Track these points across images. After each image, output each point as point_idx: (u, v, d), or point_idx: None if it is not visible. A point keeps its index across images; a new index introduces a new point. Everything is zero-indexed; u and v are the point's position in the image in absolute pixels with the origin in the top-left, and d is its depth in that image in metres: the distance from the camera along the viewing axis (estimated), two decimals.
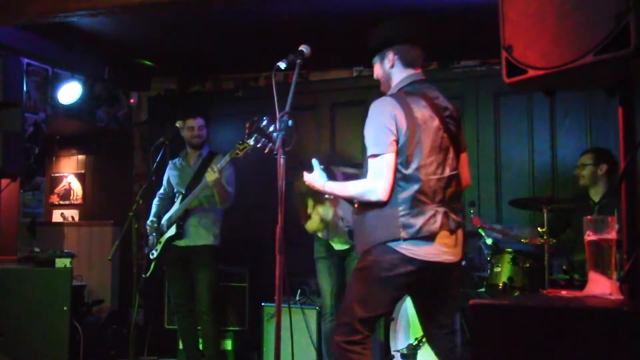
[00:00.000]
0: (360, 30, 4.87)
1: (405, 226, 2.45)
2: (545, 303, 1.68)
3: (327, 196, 2.80)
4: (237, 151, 3.99)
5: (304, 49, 2.63)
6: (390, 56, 2.66)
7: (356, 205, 2.68)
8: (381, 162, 2.47)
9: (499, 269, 3.85)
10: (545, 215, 3.75)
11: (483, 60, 5.08)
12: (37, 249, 4.90)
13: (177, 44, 5.26)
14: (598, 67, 1.58)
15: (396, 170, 2.48)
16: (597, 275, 1.73)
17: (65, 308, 4.10)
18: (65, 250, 5.07)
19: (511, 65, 1.77)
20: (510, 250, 3.89)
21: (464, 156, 2.74)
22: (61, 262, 4.68)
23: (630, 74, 1.67)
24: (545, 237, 3.71)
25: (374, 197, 2.48)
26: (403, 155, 2.47)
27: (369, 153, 2.51)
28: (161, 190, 4.64)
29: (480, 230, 4.09)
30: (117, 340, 4.85)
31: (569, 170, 4.29)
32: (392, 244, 2.47)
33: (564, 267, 3.77)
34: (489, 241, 4.03)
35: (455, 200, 2.61)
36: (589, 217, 1.79)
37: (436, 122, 2.54)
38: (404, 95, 2.56)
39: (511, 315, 1.62)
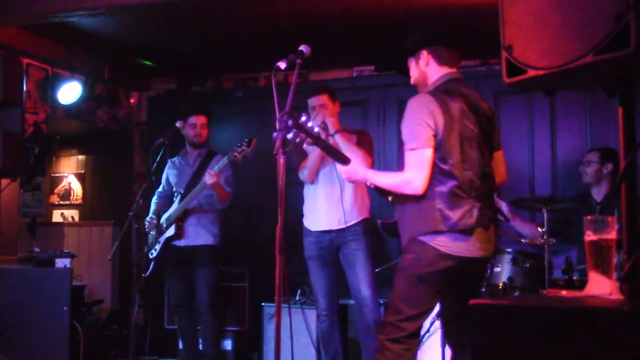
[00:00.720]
0: (360, 31, 4.89)
1: (444, 218, 2.50)
2: (545, 303, 1.68)
3: (368, 185, 2.81)
4: (235, 154, 3.99)
5: (303, 49, 2.63)
6: (424, 55, 2.72)
7: (390, 199, 2.72)
8: (420, 156, 2.52)
9: (499, 269, 3.85)
10: (545, 215, 3.75)
11: (483, 60, 5.08)
12: (37, 249, 4.90)
13: (177, 44, 5.26)
14: (598, 67, 1.58)
15: (434, 165, 2.53)
16: (597, 275, 1.73)
17: (65, 308, 4.10)
18: (65, 250, 5.07)
19: (511, 65, 1.77)
20: (510, 250, 3.88)
21: (499, 154, 2.80)
22: (61, 262, 4.67)
23: (630, 74, 1.67)
24: (545, 237, 3.71)
25: (410, 189, 2.53)
26: (441, 151, 2.52)
27: (408, 147, 2.56)
28: (160, 189, 4.64)
29: None
30: (117, 340, 4.85)
31: (569, 170, 4.29)
32: (429, 239, 2.52)
33: (564, 267, 3.76)
34: None
35: (490, 197, 2.66)
36: (589, 217, 1.79)
37: (472, 120, 2.59)
38: (440, 93, 2.61)
39: (511, 315, 1.62)
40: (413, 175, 2.52)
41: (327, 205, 3.92)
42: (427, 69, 2.72)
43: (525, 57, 1.73)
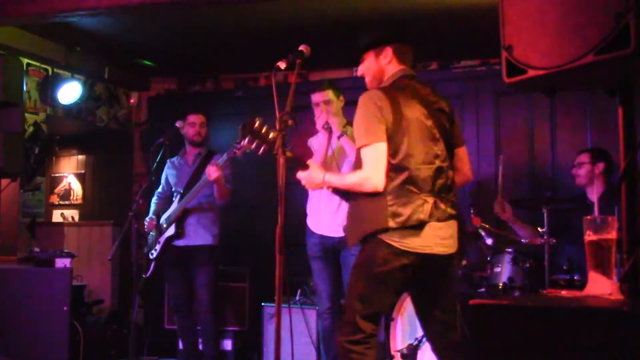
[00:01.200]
0: (360, 31, 4.87)
1: (394, 215, 2.47)
2: (545, 303, 1.68)
3: (326, 188, 2.80)
4: (235, 150, 3.99)
5: (303, 49, 2.63)
6: (388, 52, 2.72)
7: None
8: (374, 150, 2.50)
9: (499, 269, 3.85)
10: (545, 215, 3.75)
11: (483, 60, 5.08)
12: (37, 249, 4.90)
13: (177, 44, 5.26)
14: (598, 67, 1.58)
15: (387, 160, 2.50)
16: (597, 275, 1.73)
17: (65, 308, 4.10)
18: (65, 250, 5.07)
19: (511, 65, 1.77)
20: (510, 250, 3.88)
21: (461, 151, 2.76)
22: (61, 262, 4.67)
23: (630, 74, 1.67)
24: (545, 237, 3.71)
25: (370, 186, 2.50)
26: (392, 146, 2.50)
27: (360, 143, 2.54)
28: (159, 189, 4.63)
29: (480, 230, 4.08)
30: (117, 340, 4.85)
31: (569, 170, 4.29)
32: (383, 236, 2.48)
33: (564, 267, 3.77)
34: (489, 241, 4.03)
35: (447, 192, 2.60)
36: (588, 217, 1.79)
37: (424, 114, 2.57)
38: (391, 89, 2.61)
39: (511, 315, 1.62)
40: (370, 171, 2.50)
41: (327, 212, 3.92)
42: (387, 66, 2.73)
43: (525, 57, 1.73)
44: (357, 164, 2.60)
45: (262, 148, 2.74)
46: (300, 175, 2.75)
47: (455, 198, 2.65)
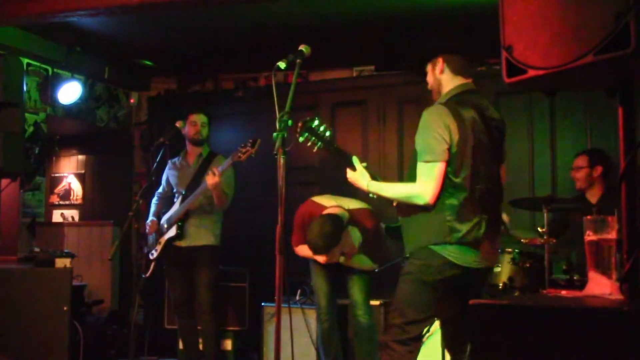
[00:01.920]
0: (360, 31, 4.89)
1: (452, 230, 2.54)
2: (545, 303, 1.68)
3: (371, 195, 2.86)
4: (239, 154, 3.98)
5: (303, 49, 2.63)
6: (439, 62, 2.75)
7: (394, 204, 2.77)
8: (433, 169, 2.55)
9: (499, 269, 3.85)
10: (545, 215, 3.75)
11: (483, 60, 5.08)
12: (37, 249, 4.90)
13: (177, 44, 5.26)
14: (598, 67, 1.58)
15: (446, 177, 2.56)
16: (597, 275, 1.73)
17: (65, 308, 4.10)
18: (65, 250, 5.07)
19: (511, 65, 1.77)
20: (510, 250, 3.88)
21: (502, 167, 2.83)
22: (61, 262, 4.67)
23: (630, 74, 1.67)
24: (545, 237, 3.71)
25: (421, 201, 2.57)
26: (453, 164, 2.55)
27: (422, 159, 2.58)
28: (160, 190, 4.63)
29: None
30: (117, 340, 4.85)
31: (568, 170, 4.29)
32: (439, 248, 2.56)
33: (564, 267, 3.76)
34: None
35: (497, 210, 2.70)
36: (588, 217, 1.79)
37: (485, 133, 2.63)
38: (456, 105, 2.62)
39: (511, 315, 1.62)
40: (425, 188, 2.55)
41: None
42: (441, 76, 2.75)
43: (525, 57, 1.73)
44: (412, 175, 2.65)
45: (316, 146, 2.85)
46: (350, 174, 2.83)
47: (500, 215, 2.75)
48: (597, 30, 1.54)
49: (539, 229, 3.84)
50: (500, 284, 3.80)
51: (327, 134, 2.87)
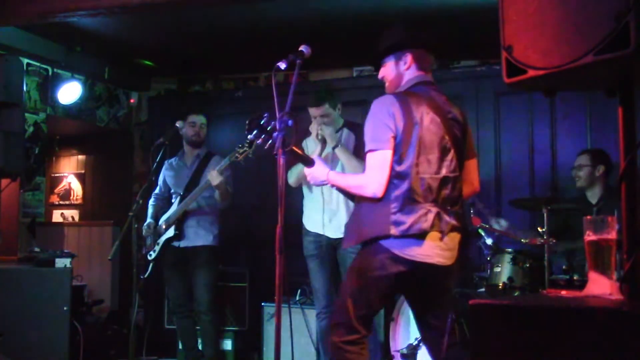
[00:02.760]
0: (360, 31, 4.89)
1: (396, 223, 2.46)
2: (545, 303, 1.68)
3: (331, 187, 2.82)
4: (236, 155, 3.99)
5: (303, 49, 2.63)
6: (408, 58, 2.68)
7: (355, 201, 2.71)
8: (378, 158, 2.49)
9: (499, 269, 3.85)
10: (545, 215, 3.75)
11: (483, 60, 5.08)
12: (37, 249, 4.90)
13: (177, 44, 5.26)
14: (598, 67, 1.58)
15: (391, 168, 2.50)
16: (597, 275, 1.73)
17: (65, 308, 4.10)
18: (65, 250, 5.07)
19: (511, 65, 1.77)
20: (510, 250, 3.88)
21: (471, 163, 2.75)
22: (61, 262, 4.67)
23: (630, 74, 1.67)
24: (545, 237, 3.71)
25: (368, 191, 2.51)
26: (398, 153, 2.50)
27: (367, 148, 2.54)
28: (157, 191, 4.62)
29: (480, 230, 4.09)
30: (117, 340, 4.85)
31: (569, 170, 4.29)
32: (383, 242, 2.48)
33: (564, 267, 3.77)
34: (489, 241, 4.03)
35: (452, 203, 2.59)
36: (588, 217, 1.79)
37: (436, 123, 2.55)
38: (405, 95, 2.58)
39: (511, 315, 1.62)
40: (371, 177, 2.50)
41: (325, 213, 3.92)
42: (406, 71, 2.69)
43: (525, 57, 1.72)
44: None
45: (268, 143, 2.75)
46: (306, 171, 2.76)
47: (461, 210, 2.64)
48: (597, 30, 1.54)
49: (539, 229, 3.84)
50: (500, 284, 3.81)
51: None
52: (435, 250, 2.50)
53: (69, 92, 5.47)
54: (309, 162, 2.75)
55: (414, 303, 2.76)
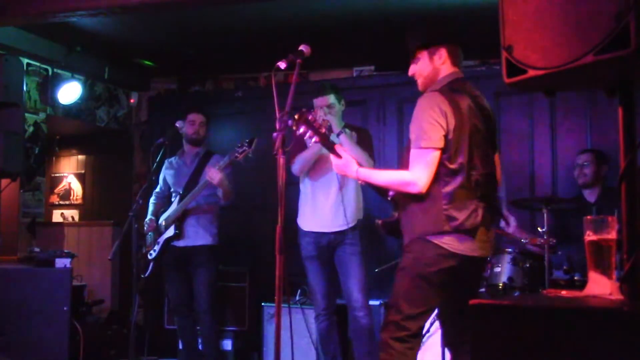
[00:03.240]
0: (360, 31, 4.89)
1: (450, 219, 2.49)
2: (545, 303, 1.68)
3: (360, 183, 2.80)
4: (236, 154, 3.99)
5: (303, 49, 2.63)
6: (443, 53, 2.68)
7: (390, 197, 2.71)
8: (427, 156, 2.49)
9: (499, 269, 3.85)
10: (545, 215, 3.75)
11: (483, 60, 5.08)
12: (37, 249, 4.90)
13: (177, 44, 5.26)
14: (598, 67, 1.58)
15: (442, 165, 2.50)
16: (597, 275, 1.73)
17: (65, 308, 4.10)
18: (65, 250, 5.07)
19: (511, 65, 1.77)
20: (510, 250, 3.88)
21: (496, 157, 2.78)
22: (61, 262, 4.67)
23: (631, 74, 1.67)
24: (545, 237, 3.71)
25: (415, 189, 2.51)
26: (449, 150, 2.50)
27: (416, 145, 2.52)
28: (157, 189, 4.62)
29: None
30: (117, 340, 4.85)
31: (569, 170, 4.29)
32: (435, 238, 2.51)
33: (564, 268, 3.77)
34: None
35: (493, 198, 2.65)
36: (588, 217, 1.79)
37: (479, 119, 2.58)
38: (449, 91, 2.58)
39: (511, 315, 1.62)
40: (418, 174, 2.49)
41: (327, 206, 3.92)
42: (442, 66, 2.69)
43: (525, 57, 1.72)
44: (404, 163, 2.59)
45: (314, 138, 2.75)
46: (335, 161, 2.73)
47: (496, 202, 2.71)
48: (597, 30, 1.54)
49: (539, 229, 3.84)
50: (500, 284, 3.81)
51: (323, 128, 2.80)
52: (480, 244, 2.56)
53: (69, 92, 5.48)
54: (338, 154, 2.74)
55: (453, 299, 2.67)
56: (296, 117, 2.66)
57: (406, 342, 2.54)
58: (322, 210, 3.93)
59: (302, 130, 2.66)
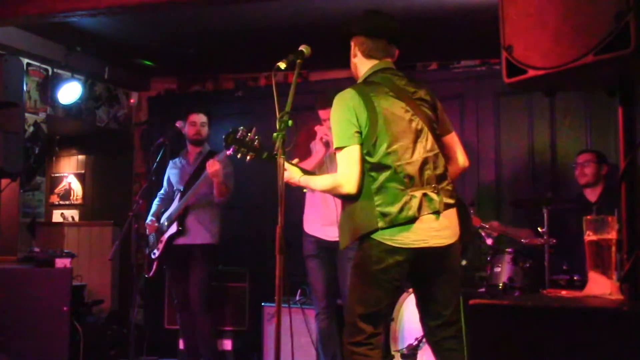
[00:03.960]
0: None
1: (383, 215, 2.44)
2: (545, 303, 1.68)
3: (304, 190, 2.84)
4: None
5: (303, 49, 2.63)
6: (352, 46, 2.75)
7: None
8: (346, 154, 2.49)
9: (499, 269, 3.85)
10: (545, 215, 3.75)
11: (483, 60, 5.08)
12: (37, 249, 4.90)
13: (177, 44, 5.26)
14: (598, 67, 1.58)
15: (364, 161, 2.49)
16: (597, 275, 1.73)
17: (65, 308, 4.10)
18: (65, 250, 5.07)
19: (511, 65, 1.77)
20: (510, 250, 3.89)
21: (449, 138, 2.71)
22: (61, 262, 4.67)
23: (630, 74, 1.67)
24: (545, 237, 3.71)
25: (343, 189, 2.50)
26: (367, 145, 2.48)
27: (334, 146, 2.54)
28: (162, 191, 4.62)
29: (480, 230, 4.09)
30: (117, 340, 4.85)
31: (569, 170, 4.29)
32: (375, 236, 2.46)
33: (564, 267, 3.77)
34: (488, 241, 4.03)
35: (438, 182, 2.54)
36: (588, 217, 1.79)
37: (401, 107, 2.53)
38: (363, 86, 2.60)
39: (511, 315, 1.62)
40: (342, 175, 2.49)
41: (330, 214, 3.92)
42: (355, 60, 2.75)
43: (525, 57, 1.72)
44: None
45: (247, 157, 2.79)
46: (285, 175, 2.74)
47: (450, 186, 2.59)
48: (597, 30, 1.54)
49: (539, 229, 3.85)
50: (500, 284, 3.81)
51: (255, 142, 2.90)
52: (429, 233, 2.46)
53: (69, 92, 5.47)
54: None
55: (418, 291, 2.69)
56: (223, 138, 2.69)
57: (365, 345, 2.50)
58: (326, 218, 3.92)
59: (231, 150, 2.72)
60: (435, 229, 2.48)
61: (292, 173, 2.74)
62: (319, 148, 3.90)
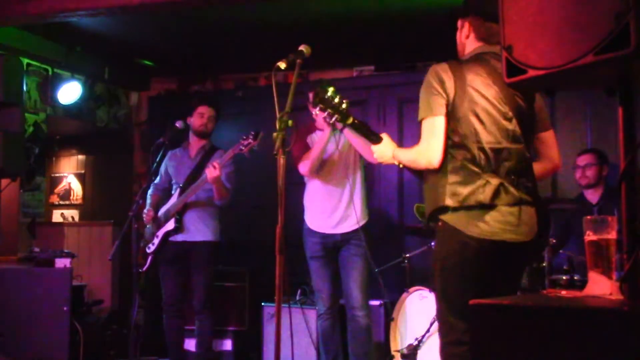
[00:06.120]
0: (360, 31, 4.88)
1: (452, 194, 2.34)
2: (545, 303, 1.68)
3: (400, 166, 2.64)
4: (241, 147, 3.95)
5: (303, 49, 2.63)
6: (466, 26, 2.56)
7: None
8: (430, 125, 2.37)
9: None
10: None
11: None
12: (37, 249, 4.90)
13: (177, 44, 5.26)
14: (598, 67, 1.58)
15: (447, 138, 2.37)
16: (597, 275, 1.73)
17: (65, 308, 4.10)
18: (65, 250, 5.07)
19: (511, 65, 1.77)
20: None
21: (547, 135, 2.61)
22: (61, 262, 4.67)
23: (630, 74, 1.67)
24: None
25: (424, 161, 2.40)
26: (452, 122, 2.37)
27: (419, 118, 2.42)
28: (157, 181, 4.49)
29: None
30: (117, 340, 4.85)
31: (569, 170, 4.29)
32: (447, 218, 2.34)
33: (564, 267, 3.77)
34: None
35: (518, 175, 2.39)
36: (588, 217, 1.79)
37: (494, 91, 2.39)
38: (460, 63, 2.47)
39: (511, 315, 1.62)
40: (425, 146, 2.38)
41: (340, 207, 3.92)
42: (466, 40, 2.56)
43: (525, 57, 1.72)
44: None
45: (333, 117, 2.73)
46: (374, 148, 2.68)
47: (531, 183, 2.44)
48: (597, 30, 1.54)
49: None
50: None
51: (344, 106, 2.74)
52: (503, 226, 2.32)
53: (69, 92, 5.48)
54: (376, 138, 2.66)
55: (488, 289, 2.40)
56: (311, 95, 2.54)
57: (462, 344, 2.31)
58: (334, 211, 3.92)
59: (318, 110, 2.61)
60: (511, 223, 2.33)
61: (386, 147, 2.62)
62: (321, 134, 3.89)
